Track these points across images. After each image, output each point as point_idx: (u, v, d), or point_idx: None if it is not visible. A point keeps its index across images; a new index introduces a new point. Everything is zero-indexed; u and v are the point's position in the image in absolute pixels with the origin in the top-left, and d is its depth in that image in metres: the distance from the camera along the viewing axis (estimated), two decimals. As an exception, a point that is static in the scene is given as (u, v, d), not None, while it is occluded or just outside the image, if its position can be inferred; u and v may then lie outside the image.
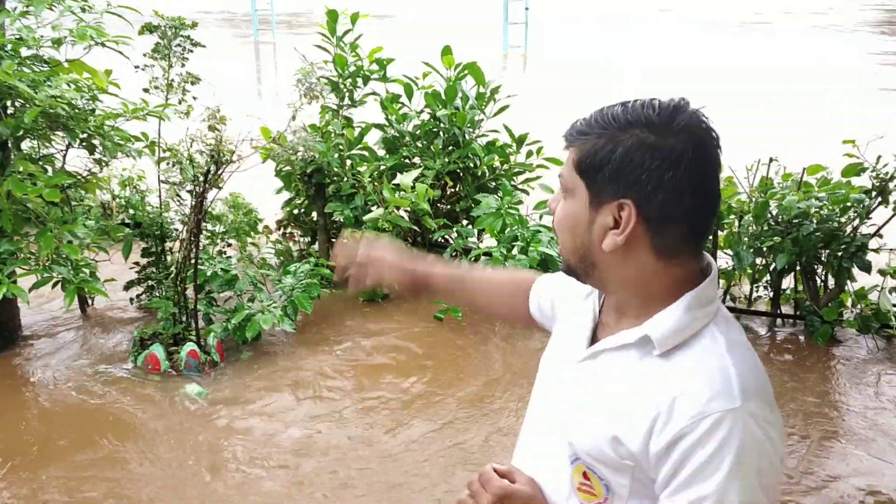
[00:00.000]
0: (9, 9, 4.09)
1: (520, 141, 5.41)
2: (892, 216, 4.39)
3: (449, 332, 4.73)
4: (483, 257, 4.85)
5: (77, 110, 3.91)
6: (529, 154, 5.42)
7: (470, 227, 5.32)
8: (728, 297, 4.89)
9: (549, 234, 4.73)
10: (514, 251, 4.73)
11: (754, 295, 4.89)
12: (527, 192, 5.49)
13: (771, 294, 4.78)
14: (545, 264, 4.60)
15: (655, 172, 1.16)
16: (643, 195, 1.17)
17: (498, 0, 18.84)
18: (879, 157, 4.35)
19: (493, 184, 5.46)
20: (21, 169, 3.77)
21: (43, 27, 3.97)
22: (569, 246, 1.30)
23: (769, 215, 4.44)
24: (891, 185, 4.30)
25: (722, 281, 4.84)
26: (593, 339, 1.35)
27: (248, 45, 20.58)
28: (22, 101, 3.85)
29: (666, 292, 1.24)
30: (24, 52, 4.05)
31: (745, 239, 4.48)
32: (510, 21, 17.83)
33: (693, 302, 1.23)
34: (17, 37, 3.95)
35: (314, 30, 5.74)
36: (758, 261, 4.63)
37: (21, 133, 3.91)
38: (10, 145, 4.00)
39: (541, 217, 5.03)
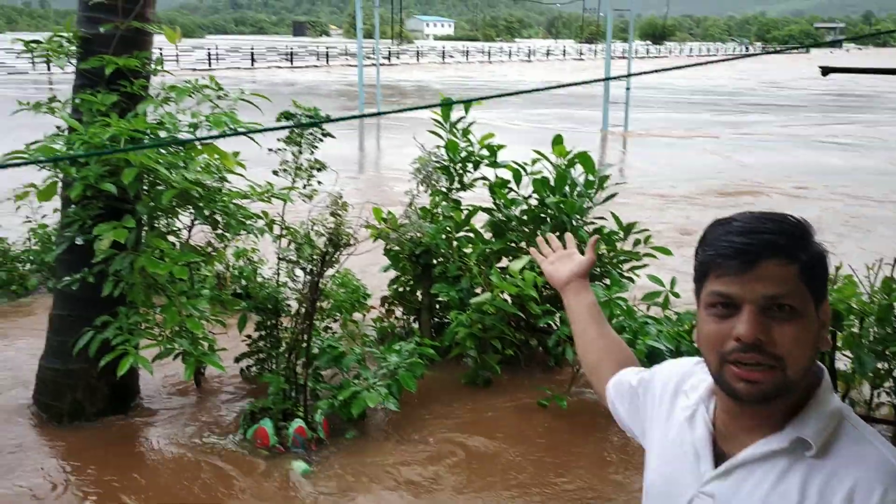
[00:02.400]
0: (152, 94, 4.41)
1: (627, 229, 5.39)
2: None
3: (553, 422, 4.67)
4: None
5: (208, 191, 4.14)
6: (637, 242, 5.38)
7: (575, 314, 5.28)
8: (847, 400, 4.66)
9: (656, 325, 4.65)
10: (621, 342, 4.66)
11: (875, 401, 4.66)
12: (632, 280, 5.44)
13: (895, 401, 4.54)
14: (652, 358, 4.51)
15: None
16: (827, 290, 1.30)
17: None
18: None
19: (599, 270, 5.43)
20: (153, 246, 3.99)
21: (182, 113, 4.25)
22: (806, 363, 1.25)
23: (893, 319, 4.25)
24: None
25: (840, 383, 4.64)
26: (716, 454, 1.35)
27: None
28: (158, 181, 4.10)
29: (803, 391, 1.27)
30: (162, 134, 4.34)
31: (867, 342, 4.29)
32: (610, 100, 17.93)
33: (828, 396, 1.27)
34: (158, 121, 4.23)
35: (413, 101, 5.93)
36: (880, 365, 4.42)
37: (155, 212, 4.15)
38: (144, 222, 4.25)
39: (648, 308, 4.96)
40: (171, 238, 4.57)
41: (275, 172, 4.61)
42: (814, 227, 1.30)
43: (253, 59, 51.08)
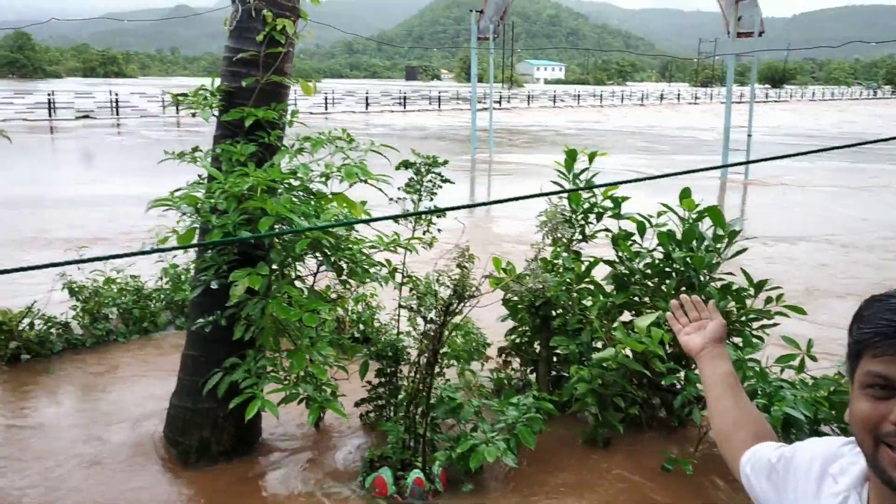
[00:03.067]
0: (286, 145, 4.56)
1: (758, 287, 5.15)
2: None
3: (678, 487, 4.47)
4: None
5: (337, 240, 4.23)
6: (769, 300, 5.14)
7: (701, 373, 5.07)
8: None
9: (792, 391, 4.41)
10: (752, 406, 4.44)
11: None
12: (761, 339, 5.19)
13: None
14: (787, 426, 4.27)
15: None
16: None
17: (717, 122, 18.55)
18: None
19: (728, 328, 5.21)
20: (283, 292, 4.09)
21: (315, 163, 4.37)
22: None
23: None
24: None
25: None
26: None
27: (465, 162, 21.56)
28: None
29: None
30: (293, 182, 4.47)
31: None
32: (731, 148, 17.44)
33: None
34: (290, 170, 4.36)
35: (548, 146, 5.89)
36: None
37: (287, 259, 4.26)
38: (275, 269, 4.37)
39: (781, 371, 4.71)
40: (297, 283, 4.68)
41: (395, 220, 4.67)
42: None
43: (367, 104, 52.65)
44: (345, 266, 4.56)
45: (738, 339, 5.03)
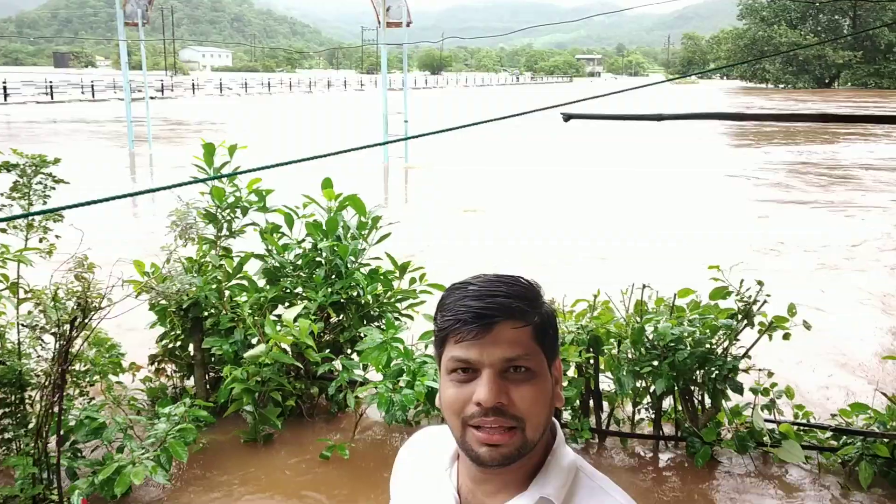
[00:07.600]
0: None
1: (402, 268, 5.42)
2: (758, 338, 4.61)
3: (337, 473, 4.56)
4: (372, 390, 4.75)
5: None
6: (413, 281, 5.42)
7: (355, 358, 5.22)
8: (612, 420, 4.95)
9: (434, 365, 4.69)
10: (401, 383, 4.66)
11: (637, 417, 4.98)
12: (411, 318, 5.46)
13: (653, 415, 4.88)
14: (431, 397, 4.54)
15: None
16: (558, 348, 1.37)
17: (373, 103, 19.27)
18: (742, 281, 4.59)
19: (378, 311, 5.41)
20: None
21: None
22: (543, 422, 1.27)
23: (645, 340, 4.57)
24: (754, 307, 4.54)
25: (605, 404, 4.92)
26: None
27: (123, 156, 20.11)
28: None
29: (542, 449, 1.30)
30: None
31: (625, 363, 4.58)
32: (390, 134, 18.23)
33: (563, 450, 1.32)
34: None
35: (190, 140, 5.65)
36: (638, 384, 4.73)
37: None
38: None
39: (426, 346, 5.00)
40: None
41: (2, 230, 4.14)
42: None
43: (6, 94, 46.78)
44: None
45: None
